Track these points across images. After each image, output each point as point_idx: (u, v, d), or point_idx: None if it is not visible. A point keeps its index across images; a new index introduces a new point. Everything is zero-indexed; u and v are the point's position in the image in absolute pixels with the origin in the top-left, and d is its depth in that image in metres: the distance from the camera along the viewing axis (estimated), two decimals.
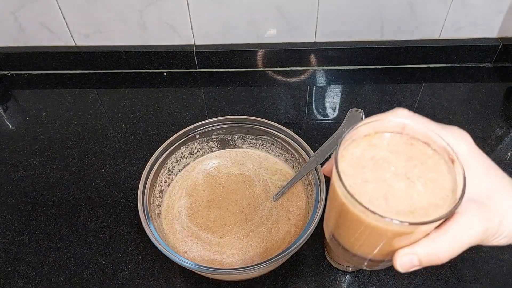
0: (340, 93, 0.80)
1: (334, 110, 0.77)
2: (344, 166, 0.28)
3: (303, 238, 0.46)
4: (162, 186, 0.57)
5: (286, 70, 0.85)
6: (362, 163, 0.28)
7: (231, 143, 0.63)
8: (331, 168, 0.30)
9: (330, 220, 0.32)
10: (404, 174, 0.28)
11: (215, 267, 0.50)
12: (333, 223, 0.31)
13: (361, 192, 0.26)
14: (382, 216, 0.24)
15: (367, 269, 0.43)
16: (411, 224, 0.24)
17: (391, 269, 0.43)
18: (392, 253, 0.28)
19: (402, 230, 0.25)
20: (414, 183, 0.27)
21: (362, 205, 0.25)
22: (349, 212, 0.27)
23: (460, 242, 0.26)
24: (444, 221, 0.26)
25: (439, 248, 0.26)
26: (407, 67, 0.85)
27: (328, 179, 0.52)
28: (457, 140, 0.29)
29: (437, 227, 0.26)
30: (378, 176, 0.27)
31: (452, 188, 0.27)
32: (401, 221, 0.24)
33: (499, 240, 0.28)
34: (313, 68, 0.85)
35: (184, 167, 0.61)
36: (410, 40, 0.82)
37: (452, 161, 0.27)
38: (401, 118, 0.29)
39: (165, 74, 0.86)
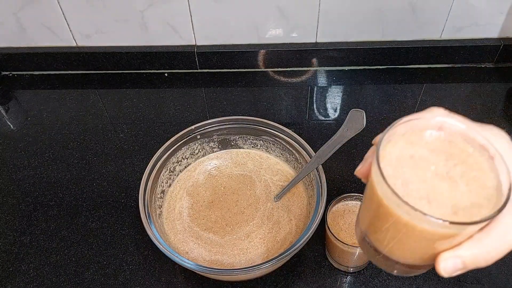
0: (341, 94, 0.80)
1: (335, 111, 0.77)
2: (383, 166, 0.26)
3: (304, 239, 0.46)
4: (163, 187, 0.57)
5: (287, 70, 0.85)
6: (401, 162, 0.27)
7: (232, 143, 0.63)
8: (366, 170, 0.30)
9: (364, 221, 0.31)
10: (446, 173, 0.26)
11: (216, 267, 0.50)
12: (368, 225, 0.30)
13: (403, 194, 0.25)
14: (432, 217, 0.23)
15: (398, 275, 0.42)
16: (461, 224, 0.23)
17: None
18: (432, 257, 0.27)
19: (448, 232, 0.24)
20: (457, 183, 0.26)
21: (410, 205, 0.23)
22: (390, 213, 0.26)
23: (506, 243, 0.25)
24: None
25: (484, 249, 0.25)
26: (408, 68, 0.85)
27: (328, 180, 0.52)
28: (496, 138, 0.28)
29: (481, 228, 0.26)
30: (419, 176, 0.26)
31: (496, 187, 0.26)
32: (450, 222, 0.23)
33: None
34: (314, 68, 0.85)
35: (185, 167, 0.61)
36: (411, 41, 0.82)
37: (492, 159, 0.26)
38: (438, 117, 0.28)
39: (166, 74, 0.86)
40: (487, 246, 0.25)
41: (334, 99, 0.79)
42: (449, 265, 0.26)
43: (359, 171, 0.31)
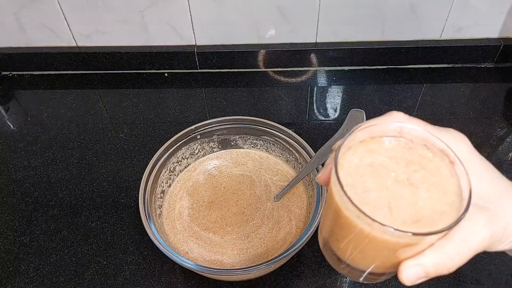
0: (341, 94, 0.80)
1: (335, 111, 0.77)
2: (342, 175, 0.26)
3: (304, 239, 0.46)
4: (163, 187, 0.57)
5: (287, 70, 0.85)
6: (361, 171, 0.26)
7: (232, 143, 0.63)
8: (327, 177, 0.29)
9: (325, 230, 0.30)
10: (406, 180, 0.26)
11: (216, 267, 0.50)
12: (330, 234, 0.30)
13: (363, 203, 0.25)
14: (394, 229, 0.23)
15: (365, 282, 0.41)
16: (423, 234, 0.23)
17: None
18: (395, 265, 0.26)
19: (410, 241, 0.24)
20: (418, 189, 0.26)
21: (369, 217, 0.23)
22: (350, 224, 0.25)
23: (467, 249, 0.25)
24: None
25: (446, 257, 0.25)
26: (408, 68, 0.85)
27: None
28: (456, 142, 0.28)
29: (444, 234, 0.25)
30: (380, 184, 0.26)
31: (457, 192, 0.26)
32: (413, 233, 0.23)
33: (505, 245, 0.27)
34: (314, 68, 0.85)
35: (185, 167, 0.61)
36: (411, 41, 0.82)
37: (453, 164, 0.26)
38: (398, 122, 0.28)
39: (166, 74, 0.86)
40: (449, 253, 0.25)
41: (334, 99, 0.79)
42: (411, 274, 0.25)
43: (320, 178, 0.30)
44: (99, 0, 0.76)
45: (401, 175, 0.26)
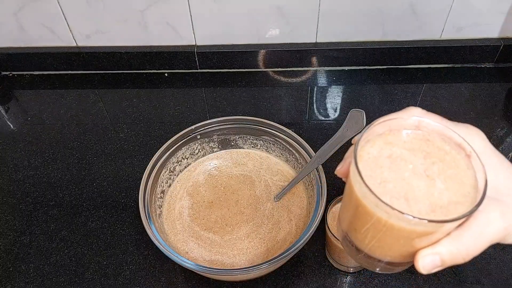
0: (341, 94, 0.80)
1: (335, 111, 0.77)
2: (361, 166, 0.27)
3: (304, 239, 0.46)
4: (163, 187, 0.57)
5: (287, 70, 0.85)
6: (379, 162, 0.27)
7: (232, 143, 0.63)
8: (346, 169, 0.30)
9: (345, 221, 0.31)
10: (423, 172, 0.27)
11: (216, 267, 0.50)
12: (349, 224, 0.31)
13: (381, 193, 0.25)
14: (410, 216, 0.23)
15: (381, 272, 0.42)
16: (438, 222, 0.24)
17: None
18: (412, 254, 0.27)
19: (426, 230, 0.25)
20: (434, 181, 0.26)
21: (387, 205, 0.24)
22: (369, 213, 0.26)
23: (483, 239, 0.26)
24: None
25: (461, 246, 0.25)
26: (408, 68, 0.85)
27: (328, 180, 0.52)
28: (472, 136, 0.28)
29: (458, 225, 0.26)
30: (397, 175, 0.27)
31: (473, 184, 0.26)
32: (428, 220, 0.23)
33: None
34: (314, 68, 0.85)
35: (185, 167, 0.61)
36: (412, 41, 0.82)
37: (469, 157, 0.27)
38: (415, 116, 0.29)
39: (166, 74, 0.86)
40: (464, 243, 0.25)
41: (334, 99, 0.79)
42: (427, 262, 0.26)
43: (339, 170, 0.31)
44: (99, 0, 0.76)
45: (418, 167, 0.27)
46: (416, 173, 0.27)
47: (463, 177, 0.27)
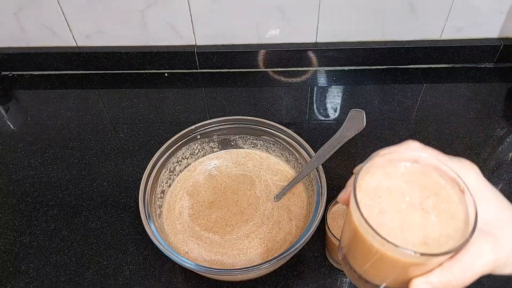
0: (341, 94, 0.80)
1: (335, 111, 0.77)
2: (361, 195, 0.28)
3: (304, 239, 0.46)
4: (163, 187, 0.57)
5: (287, 70, 0.85)
6: (378, 193, 0.29)
7: (232, 143, 0.63)
8: (347, 197, 0.31)
9: (344, 245, 0.33)
10: (419, 205, 0.28)
11: (216, 267, 0.50)
12: (348, 249, 0.32)
13: (378, 223, 0.27)
14: (404, 249, 0.25)
15: None
16: (430, 255, 0.25)
17: None
18: (406, 281, 0.28)
19: (419, 261, 0.26)
20: (429, 214, 0.28)
21: (382, 237, 0.25)
22: (366, 241, 0.28)
23: (473, 270, 0.27)
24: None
25: (452, 277, 0.27)
26: (408, 68, 0.85)
27: (328, 180, 0.52)
28: (466, 170, 0.30)
29: (450, 256, 0.27)
30: (394, 207, 0.28)
31: (464, 219, 0.28)
32: (421, 253, 0.25)
33: (510, 269, 0.29)
34: (314, 68, 0.85)
35: (185, 167, 0.61)
36: (411, 41, 0.82)
37: (462, 192, 0.28)
38: (413, 151, 0.30)
39: (166, 74, 0.86)
40: (455, 273, 0.27)
41: (334, 99, 0.79)
42: None
43: (341, 198, 0.33)
44: (99, 0, 0.76)
45: (414, 200, 0.29)
46: (412, 205, 0.28)
47: (455, 211, 0.28)
